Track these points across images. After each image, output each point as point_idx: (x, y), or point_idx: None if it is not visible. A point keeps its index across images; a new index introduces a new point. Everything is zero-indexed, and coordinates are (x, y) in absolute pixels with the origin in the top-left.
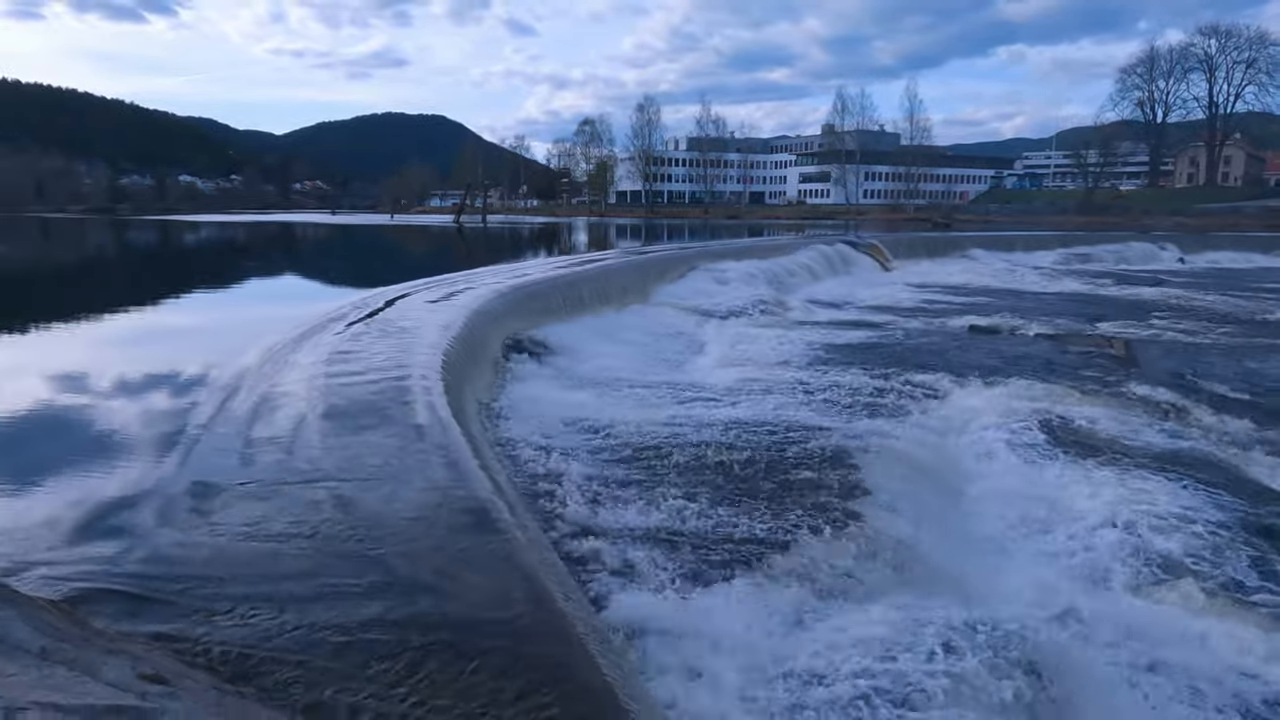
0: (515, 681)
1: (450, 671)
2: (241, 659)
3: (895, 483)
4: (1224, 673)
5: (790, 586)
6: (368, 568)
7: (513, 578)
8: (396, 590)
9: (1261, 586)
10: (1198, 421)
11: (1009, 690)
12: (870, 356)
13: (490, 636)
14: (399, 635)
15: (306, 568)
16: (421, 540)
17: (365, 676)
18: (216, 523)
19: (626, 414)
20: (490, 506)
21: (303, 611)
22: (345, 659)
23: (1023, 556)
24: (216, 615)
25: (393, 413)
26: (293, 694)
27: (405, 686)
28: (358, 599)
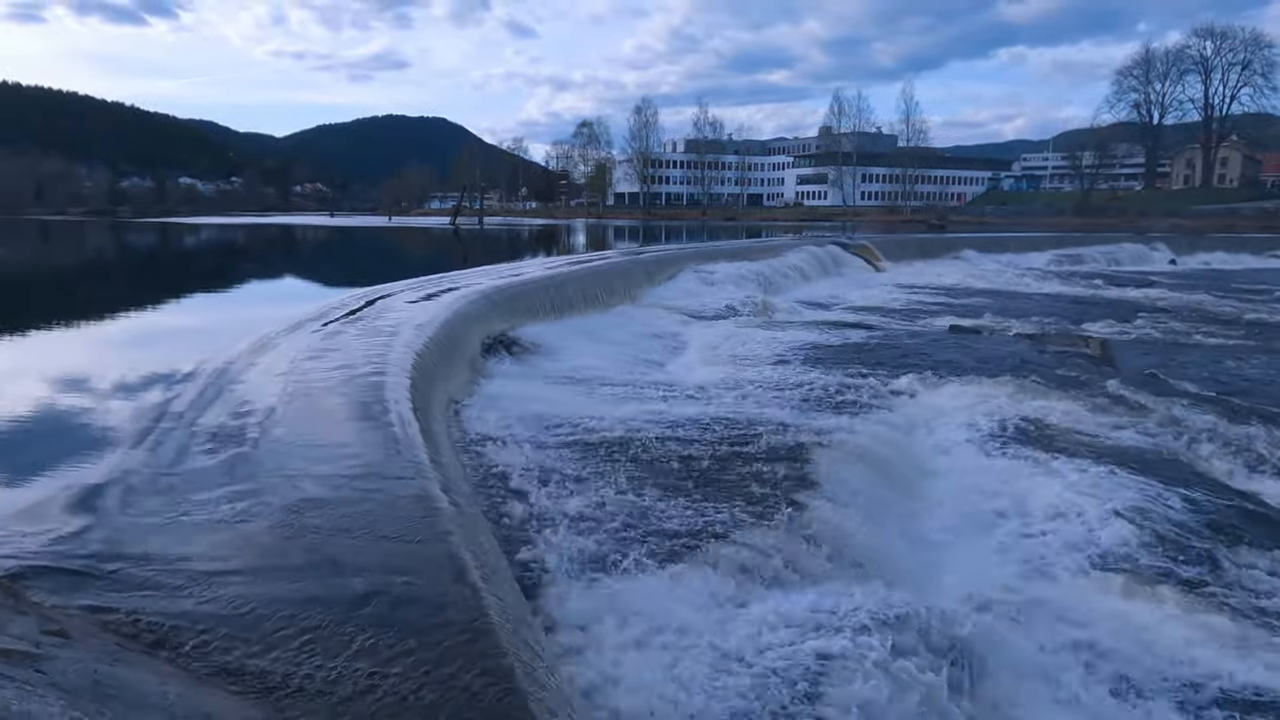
0: (419, 649)
1: (356, 638)
2: (163, 628)
3: (845, 476)
4: (1154, 657)
5: (722, 571)
6: (298, 548)
7: (436, 557)
8: (322, 568)
9: (1200, 576)
10: (1161, 419)
11: (918, 668)
12: (848, 356)
13: (404, 607)
14: (316, 607)
15: (241, 548)
16: (355, 523)
17: (276, 641)
18: (161, 508)
19: (596, 410)
20: (429, 494)
21: (229, 587)
22: (259, 627)
23: (968, 547)
24: (149, 591)
25: (350, 408)
26: (203, 655)
27: (311, 649)
28: (284, 575)
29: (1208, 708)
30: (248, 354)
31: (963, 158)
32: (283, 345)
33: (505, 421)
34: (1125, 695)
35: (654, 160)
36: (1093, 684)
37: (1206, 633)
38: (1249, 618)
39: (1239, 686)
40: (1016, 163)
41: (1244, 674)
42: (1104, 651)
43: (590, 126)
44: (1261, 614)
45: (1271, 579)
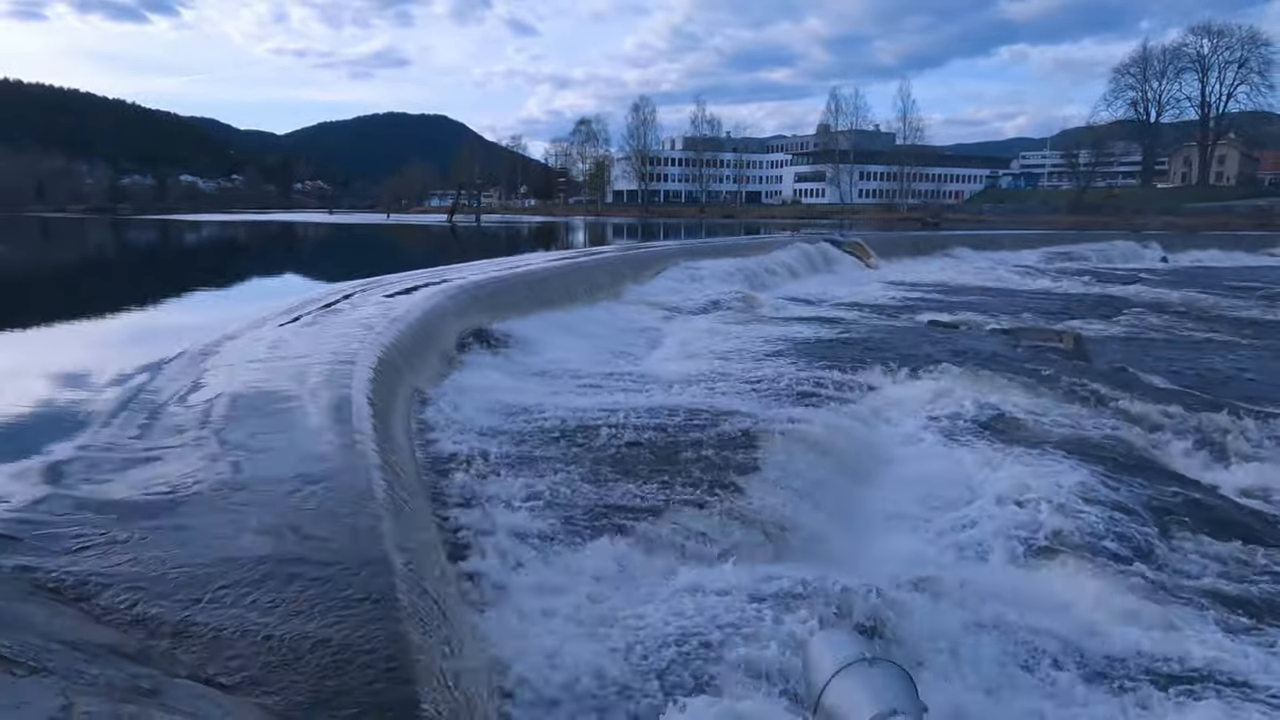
0: (315, 603)
1: (255, 593)
2: (86, 586)
3: (793, 462)
4: (1073, 634)
5: (649, 546)
6: (223, 517)
7: (353, 528)
8: (243, 534)
9: (1132, 559)
10: (1122, 411)
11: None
12: (824, 350)
13: (312, 567)
14: (228, 566)
15: (170, 518)
16: (280, 495)
17: (190, 597)
18: (106, 484)
19: (562, 400)
20: (359, 471)
21: (154, 550)
22: (177, 584)
23: (910, 530)
24: (80, 553)
25: (301, 394)
26: (117, 608)
27: (209, 601)
28: (205, 540)
29: (1118, 679)
30: (215, 345)
31: (961, 156)
32: (250, 338)
33: (466, 410)
34: (1037, 668)
35: (652, 158)
36: (1007, 658)
37: (1129, 611)
38: (1174, 597)
39: (1151, 660)
40: (1015, 161)
41: (1159, 649)
42: (1024, 628)
43: (588, 124)
44: (1186, 594)
45: (1202, 561)
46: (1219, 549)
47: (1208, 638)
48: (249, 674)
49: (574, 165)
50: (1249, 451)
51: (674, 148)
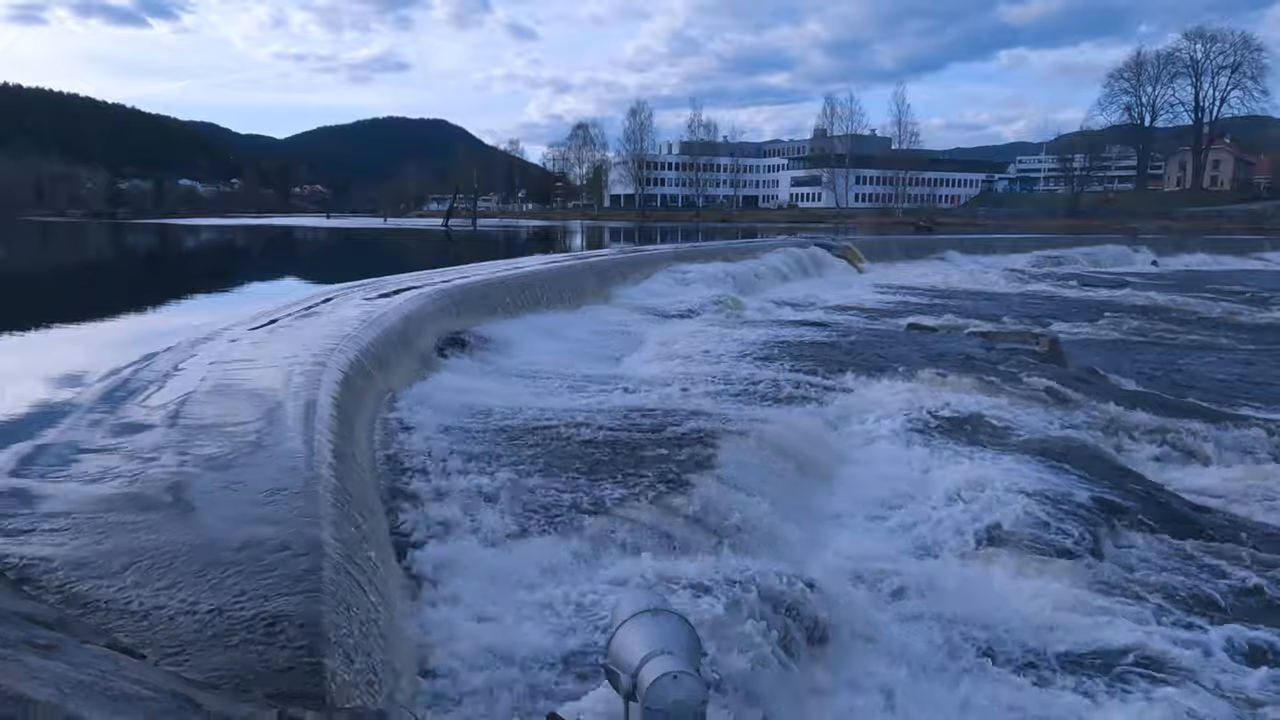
0: (242, 585)
1: (190, 574)
2: (25, 565)
3: (747, 461)
4: (1012, 624)
5: (591, 538)
6: (172, 507)
7: (293, 516)
8: (188, 523)
9: (1079, 553)
10: (1087, 412)
11: (752, 624)
12: (802, 353)
13: (249, 549)
14: (168, 552)
15: (123, 508)
16: (229, 487)
17: (121, 578)
18: (64, 478)
19: (531, 401)
20: (310, 470)
21: (98, 537)
22: (111, 566)
23: (864, 526)
24: (25, 536)
25: (265, 395)
26: (46, 584)
27: (143, 581)
28: (151, 527)
29: (1046, 667)
30: (190, 347)
31: (957, 160)
32: (224, 340)
33: (434, 410)
34: (966, 655)
35: (649, 162)
36: (938, 646)
37: (1067, 603)
38: (1113, 590)
39: (1082, 648)
40: (1012, 165)
41: (1091, 638)
42: (963, 618)
43: (585, 129)
44: (1126, 587)
45: (1146, 555)
46: (1164, 545)
47: (1140, 627)
48: (163, 644)
49: (571, 170)
50: (1207, 452)
51: (671, 152)
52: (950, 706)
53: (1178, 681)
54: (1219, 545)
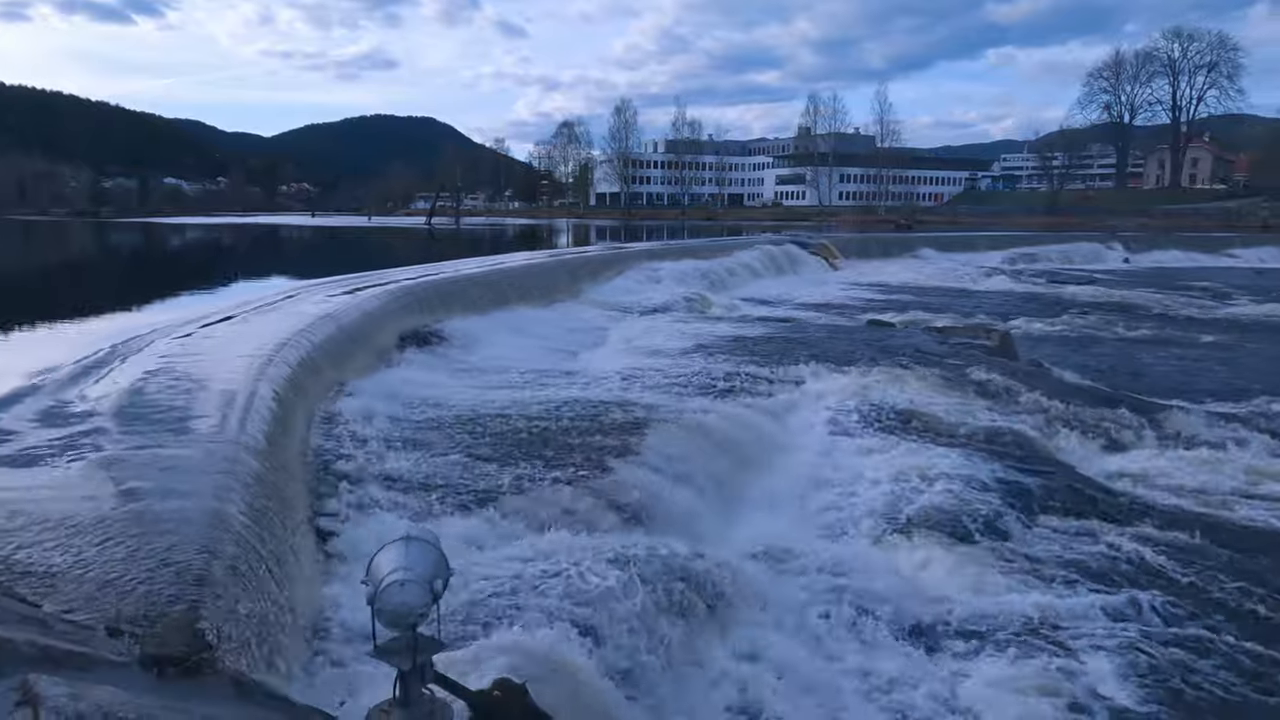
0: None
1: (104, 541)
2: None
3: (675, 449)
4: (909, 600)
5: (507, 517)
6: (105, 487)
7: (208, 494)
8: (107, 497)
9: (988, 534)
10: (1023, 402)
11: (647, 596)
12: (760, 348)
13: (155, 524)
14: (84, 522)
15: (61, 486)
16: (153, 470)
17: (33, 542)
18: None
19: (482, 394)
20: (234, 452)
21: (36, 507)
22: (27, 532)
23: (783, 511)
24: None
25: (206, 385)
26: None
27: (62, 548)
28: (73, 503)
29: (936, 636)
30: (143, 341)
31: (941, 158)
32: (178, 335)
33: (382, 401)
34: (863, 627)
35: (634, 160)
36: (836, 618)
37: (968, 581)
38: (1014, 566)
39: (974, 620)
40: (996, 163)
41: (984, 610)
42: (862, 594)
43: (571, 127)
44: (1026, 565)
45: (1052, 537)
46: (1071, 526)
47: (1028, 599)
48: (63, 595)
49: (557, 168)
50: (1131, 440)
51: (657, 150)
52: (835, 671)
53: (1055, 645)
54: (1118, 524)
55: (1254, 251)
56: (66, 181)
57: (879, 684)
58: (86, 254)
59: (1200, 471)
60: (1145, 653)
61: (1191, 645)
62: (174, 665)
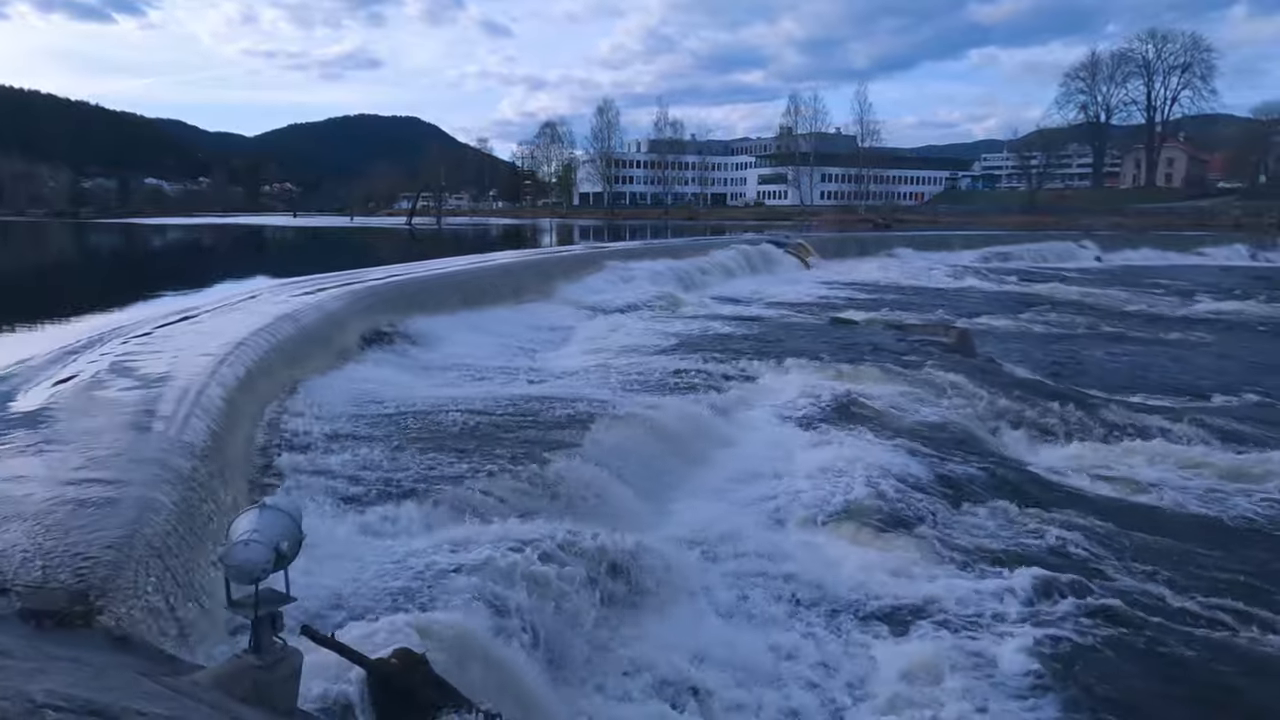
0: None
1: (30, 524)
2: None
3: (614, 442)
4: (835, 584)
5: (442, 506)
6: (40, 473)
7: (139, 484)
8: (43, 482)
9: (918, 522)
10: (971, 397)
11: (574, 580)
12: (723, 345)
13: (84, 508)
14: (19, 504)
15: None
16: (96, 458)
17: None
18: None
19: (435, 391)
20: (173, 444)
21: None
22: None
23: (721, 501)
24: None
25: (160, 384)
26: None
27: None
28: (16, 487)
29: (857, 618)
30: (100, 341)
31: (922, 158)
32: (136, 335)
33: (335, 398)
34: (785, 609)
35: (617, 160)
36: (759, 601)
37: (895, 563)
38: (940, 552)
39: (893, 603)
40: (977, 162)
41: (908, 592)
42: (786, 578)
43: (553, 127)
44: (952, 549)
45: (978, 525)
46: (998, 514)
47: (949, 582)
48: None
49: (540, 168)
50: (1070, 433)
51: (640, 150)
52: (758, 649)
53: (964, 625)
54: (1044, 512)
55: (1223, 250)
56: (45, 182)
57: (793, 660)
58: (57, 255)
59: (1129, 462)
60: (1051, 631)
61: (1096, 623)
62: (51, 618)
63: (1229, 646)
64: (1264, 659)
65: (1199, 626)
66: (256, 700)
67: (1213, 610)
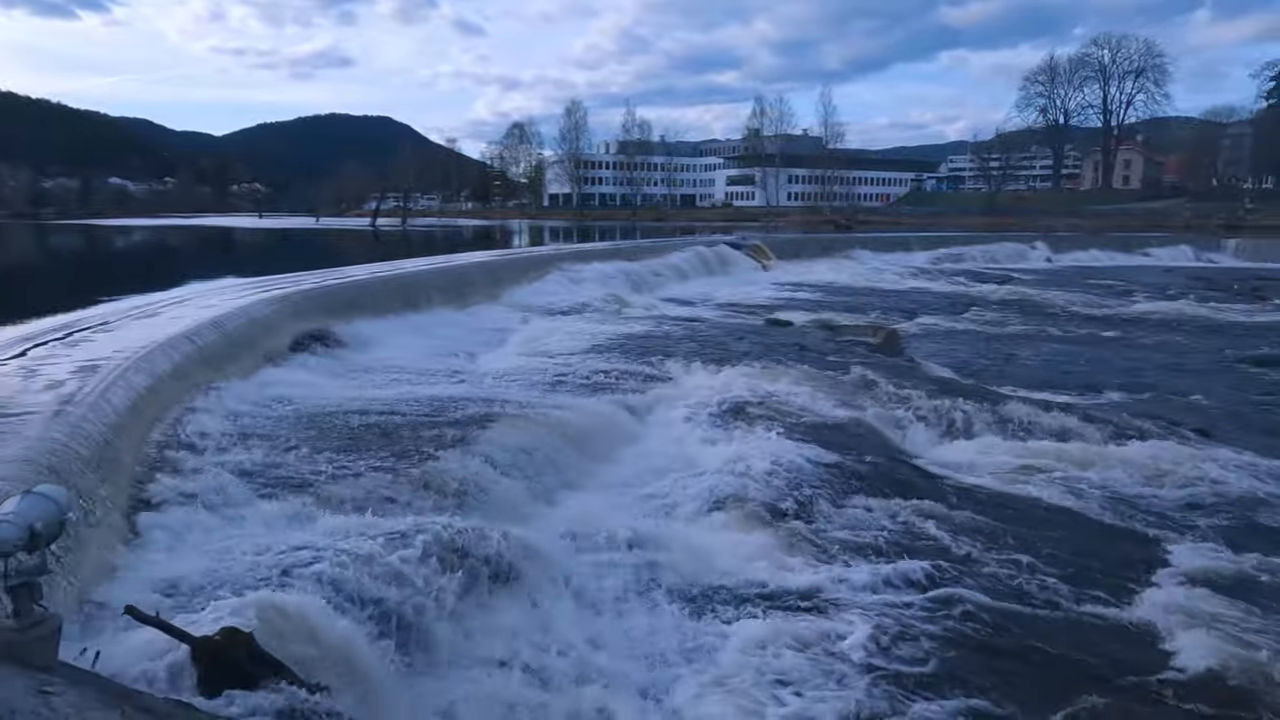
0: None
1: None
2: None
3: (514, 440)
4: (707, 571)
5: (318, 501)
6: None
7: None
8: None
9: (797, 515)
10: (881, 396)
11: (438, 569)
12: (655, 346)
13: None
14: None
15: None
16: None
17: None
18: None
19: (352, 392)
20: (66, 444)
21: None
22: None
23: (613, 495)
24: None
25: (56, 388)
26: None
27: None
28: None
29: (716, 602)
30: (13, 345)
31: (888, 159)
32: (58, 338)
33: (246, 399)
34: (651, 596)
35: (586, 161)
36: (628, 588)
37: (764, 553)
38: (811, 542)
39: (756, 589)
40: (944, 164)
41: (767, 579)
42: (658, 566)
43: (522, 128)
44: (823, 539)
45: (856, 517)
46: (877, 507)
47: (808, 570)
48: None
49: (509, 168)
50: (971, 429)
51: (609, 151)
52: (617, 632)
53: (818, 608)
54: (923, 504)
55: (1168, 251)
56: (4, 182)
57: (648, 641)
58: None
59: (1017, 456)
60: (899, 614)
61: (941, 605)
62: None
63: (1062, 622)
64: (1087, 631)
65: (1039, 607)
66: (9, 658)
67: (1049, 590)
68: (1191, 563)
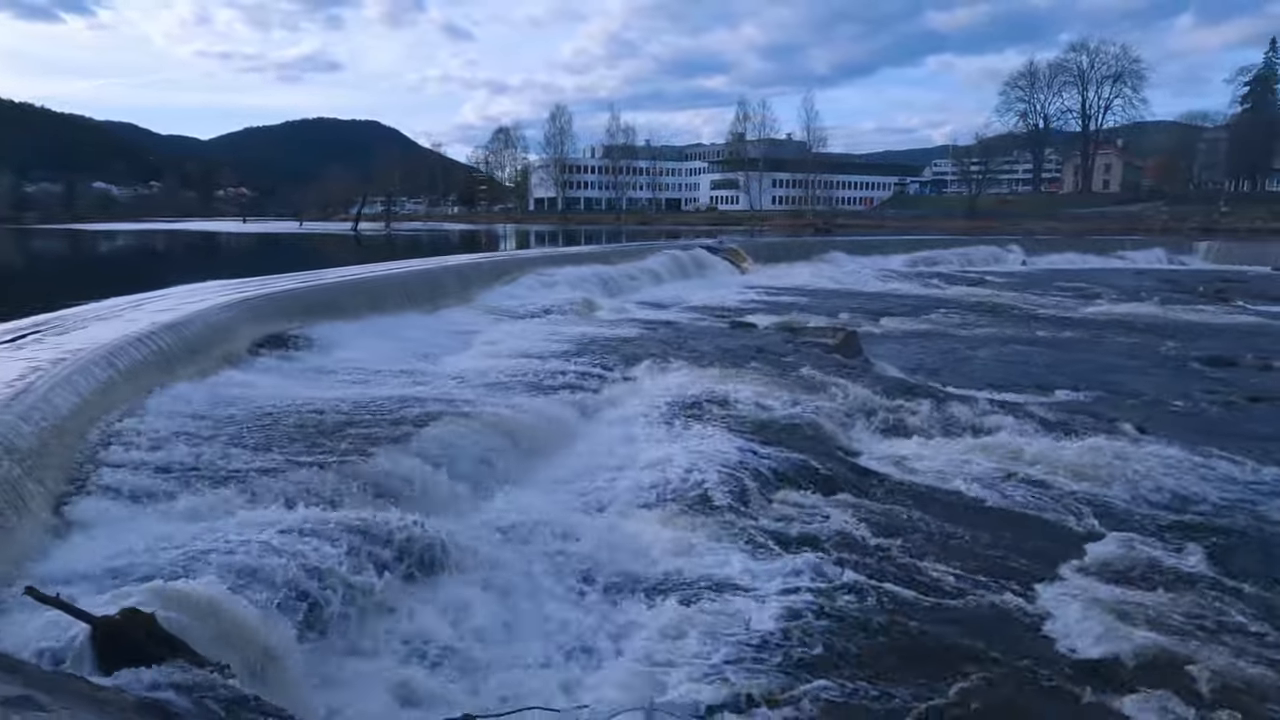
0: None
1: None
2: None
3: (453, 438)
4: (630, 561)
5: (245, 496)
6: None
7: None
8: None
9: (728, 509)
10: (831, 396)
11: (361, 562)
12: (617, 348)
13: None
14: None
15: None
16: None
17: None
18: None
19: (308, 394)
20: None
21: None
22: None
23: (549, 491)
24: None
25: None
26: None
27: None
28: None
29: (639, 591)
30: None
31: (872, 163)
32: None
33: (197, 400)
34: (576, 584)
35: (571, 166)
36: (554, 577)
37: (689, 546)
38: (738, 536)
39: (679, 579)
40: (928, 168)
41: (692, 570)
42: (581, 558)
43: (507, 132)
44: (749, 534)
45: (785, 512)
46: (808, 502)
47: (730, 562)
48: None
49: (495, 173)
50: (916, 427)
51: (595, 155)
52: (536, 619)
53: (730, 598)
54: (853, 500)
55: (1142, 254)
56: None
57: (562, 629)
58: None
59: (955, 453)
60: (808, 602)
61: (854, 593)
62: None
63: (965, 610)
64: (988, 619)
65: (947, 596)
66: None
67: (961, 580)
68: (1102, 554)
